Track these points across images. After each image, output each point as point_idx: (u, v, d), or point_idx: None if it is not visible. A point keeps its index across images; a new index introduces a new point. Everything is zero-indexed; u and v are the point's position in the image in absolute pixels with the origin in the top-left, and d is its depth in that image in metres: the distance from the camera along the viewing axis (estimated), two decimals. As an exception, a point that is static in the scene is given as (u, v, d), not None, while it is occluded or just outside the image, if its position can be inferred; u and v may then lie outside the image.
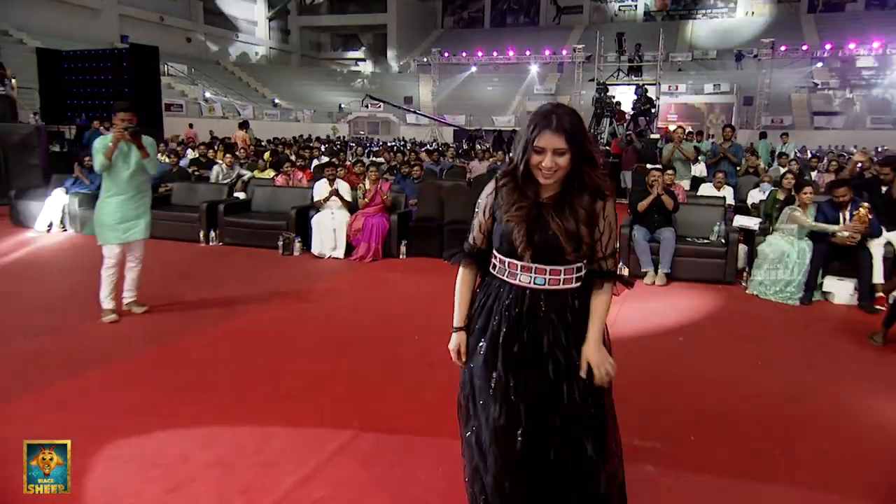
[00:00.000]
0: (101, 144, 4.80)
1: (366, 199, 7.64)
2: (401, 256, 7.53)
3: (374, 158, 14.36)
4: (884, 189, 6.56)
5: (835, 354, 4.66)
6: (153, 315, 5.15)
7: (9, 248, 7.75)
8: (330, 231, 7.48)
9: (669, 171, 7.30)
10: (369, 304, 5.84)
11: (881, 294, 5.63)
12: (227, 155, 9.97)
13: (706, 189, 8.43)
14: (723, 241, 6.44)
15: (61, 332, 4.73)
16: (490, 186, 2.02)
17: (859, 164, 8.45)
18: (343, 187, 7.77)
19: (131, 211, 4.92)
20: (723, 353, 4.60)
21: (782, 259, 5.82)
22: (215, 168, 9.58)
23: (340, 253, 7.46)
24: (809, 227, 5.90)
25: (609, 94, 17.02)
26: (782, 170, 10.07)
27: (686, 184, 9.10)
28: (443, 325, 4.12)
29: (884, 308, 5.12)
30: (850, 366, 4.42)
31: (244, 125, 16.01)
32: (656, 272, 6.42)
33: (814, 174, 10.66)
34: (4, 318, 5.03)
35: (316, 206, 7.66)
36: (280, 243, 7.61)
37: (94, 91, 19.44)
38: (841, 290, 5.85)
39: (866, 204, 5.78)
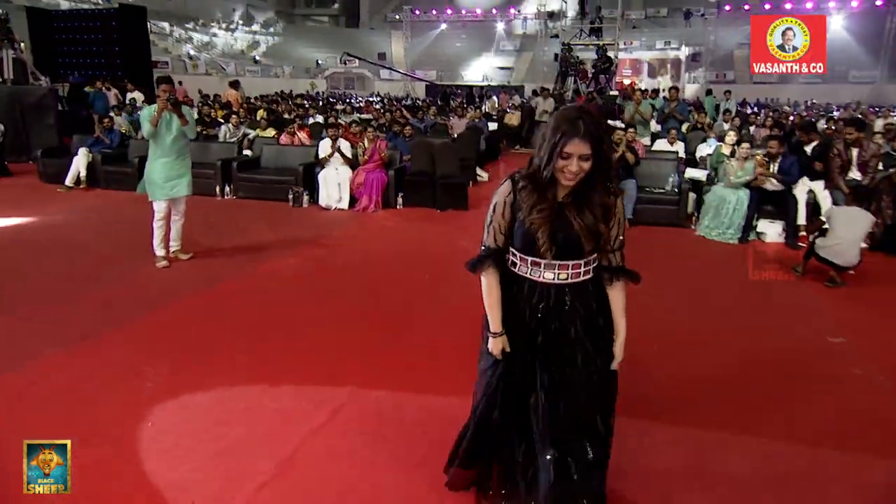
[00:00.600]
0: (147, 113, 5.15)
1: (365, 157, 8.05)
2: (398, 207, 8.00)
3: (361, 115, 14.55)
4: (855, 151, 6.70)
5: (766, 285, 5.36)
6: (196, 261, 5.59)
7: (50, 203, 8.01)
8: (335, 185, 7.90)
9: (631, 130, 7.86)
10: (378, 248, 6.35)
11: (803, 234, 6.35)
12: (234, 116, 10.15)
13: (661, 144, 9.00)
14: (676, 190, 7.07)
15: (123, 279, 5.15)
16: (507, 187, 1.95)
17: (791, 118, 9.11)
18: (344, 146, 8.14)
19: (175, 171, 5.28)
20: (674, 286, 5.24)
21: (724, 206, 6.48)
22: (223, 128, 9.82)
23: (345, 204, 7.91)
24: (735, 178, 6.50)
25: (573, 53, 17.29)
26: (726, 126, 10.71)
27: (646, 140, 9.65)
28: (443, 263, 4.77)
29: (804, 245, 5.82)
30: (777, 295, 5.12)
31: (235, 84, 15.94)
32: (621, 217, 7.03)
33: (752, 129, 11.29)
34: (72, 267, 5.43)
35: (321, 163, 8.04)
36: (290, 196, 8.01)
37: (84, 50, 19.03)
38: (772, 230, 6.56)
39: (759, 153, 6.43)
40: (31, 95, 10.60)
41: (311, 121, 11.52)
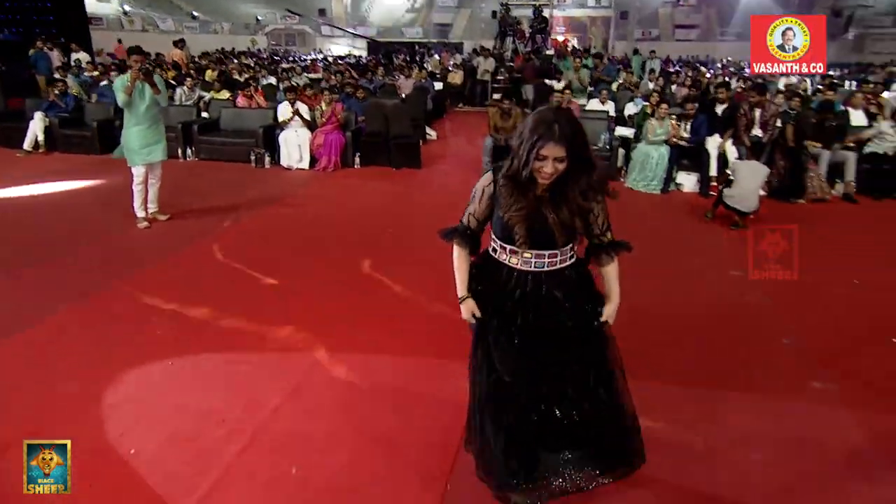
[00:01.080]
0: (120, 84, 5.20)
1: (323, 119, 8.21)
2: (356, 166, 8.25)
3: (308, 75, 14.40)
4: (758, 111, 7.13)
5: (683, 229, 6.01)
6: (174, 222, 5.77)
7: (14, 168, 7.85)
8: (296, 146, 8.06)
9: (567, 92, 8.31)
10: (342, 206, 6.64)
11: (714, 184, 7.03)
12: (188, 78, 9.99)
13: (594, 104, 9.50)
14: (608, 147, 7.61)
15: (107, 238, 5.31)
16: (487, 178, 2.02)
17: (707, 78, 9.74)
18: (303, 108, 8.27)
19: (151, 137, 5.39)
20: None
21: (648, 161, 7.07)
22: (178, 90, 9.65)
23: (306, 164, 8.10)
24: (654, 136, 7.11)
25: (511, 14, 17.44)
26: (651, 85, 11.33)
27: (583, 101, 10.11)
28: (405, 218, 5.07)
29: (714, 194, 6.48)
30: (691, 237, 5.78)
31: (180, 44, 15.38)
32: (558, 172, 7.54)
33: (673, 87, 11.95)
34: (53, 230, 5.52)
35: (281, 126, 8.16)
36: (253, 158, 8.14)
37: (15, 6, 17.82)
38: (688, 182, 7.22)
39: (675, 116, 7.06)
40: (-28, 58, 10.05)
41: (264, 82, 11.41)
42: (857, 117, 7.64)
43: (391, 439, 2.70)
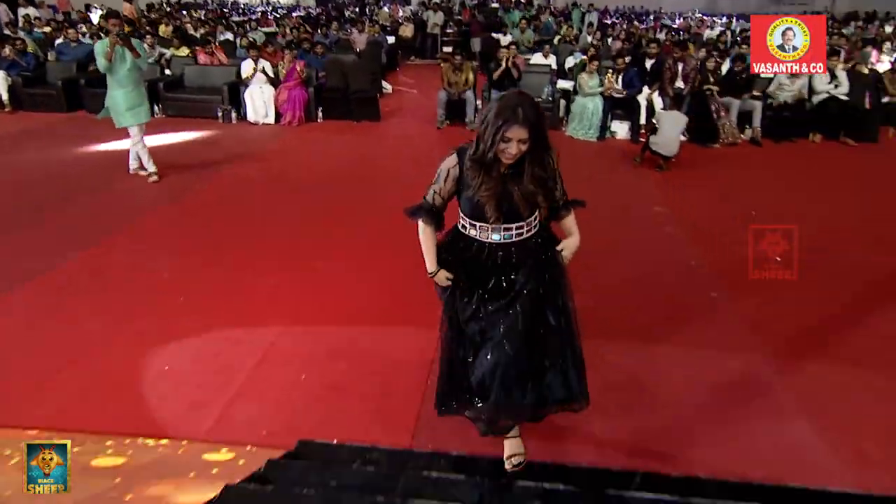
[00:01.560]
0: (100, 48, 5.26)
1: (284, 74, 8.30)
2: (319, 120, 8.44)
3: (262, 29, 14.08)
4: (681, 65, 7.76)
5: (615, 171, 6.59)
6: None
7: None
8: (261, 102, 8.18)
9: (513, 47, 8.64)
10: (309, 158, 6.92)
11: (643, 131, 7.61)
12: (148, 36, 9.76)
13: (537, 58, 9.85)
14: (550, 99, 8.05)
15: (100, 193, 5.49)
16: (452, 160, 2.04)
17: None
18: (266, 66, 8.33)
19: (135, 99, 5.48)
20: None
21: (585, 112, 7.57)
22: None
23: (272, 119, 8.24)
24: (588, 90, 7.59)
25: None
26: (589, 38, 11.72)
27: (528, 55, 10.40)
28: (369, 167, 5.35)
29: (643, 140, 7.06)
30: (622, 178, 6.37)
31: (135, -2, 14.67)
32: (506, 123, 7.96)
33: (609, 40, 12.35)
34: (48, 187, 5.63)
35: (245, 82, 8.23)
36: (220, 114, 8.21)
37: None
38: (621, 129, 7.78)
39: (610, 71, 7.56)
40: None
41: (221, 38, 11.20)
42: (767, 69, 8.29)
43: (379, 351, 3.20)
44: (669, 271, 4.20)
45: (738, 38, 12.07)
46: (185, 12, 17.16)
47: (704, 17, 22.75)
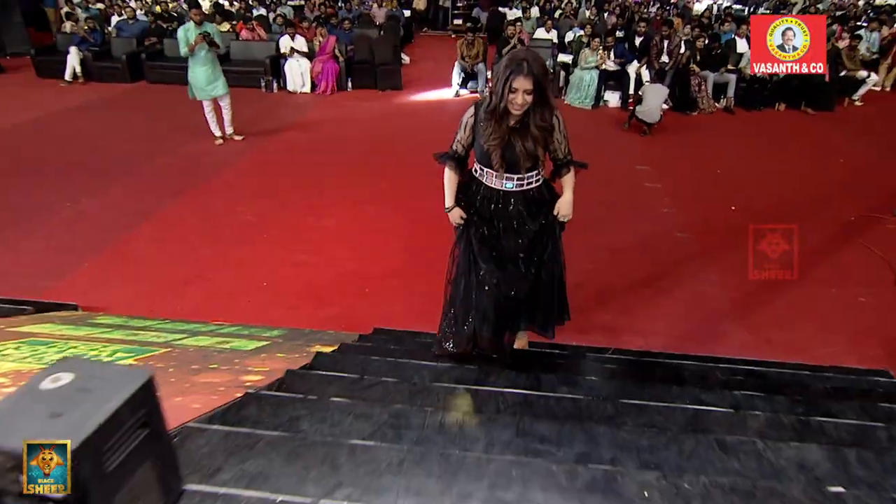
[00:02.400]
0: (182, 36, 5.77)
1: (319, 52, 8.84)
2: (349, 89, 9.03)
3: (290, 3, 14.37)
4: (666, 42, 8.28)
5: (606, 134, 7.22)
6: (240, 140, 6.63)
7: (68, 95, 8.41)
8: (298, 73, 8.75)
9: (519, 24, 9.12)
10: (345, 122, 7.55)
11: (631, 100, 8.19)
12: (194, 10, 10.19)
13: (540, 32, 10.27)
14: (551, 71, 8.59)
15: (184, 150, 6.20)
16: (470, 111, 2.21)
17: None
18: (300, 41, 8.86)
19: (212, 76, 6.01)
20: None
21: (582, 82, 8.15)
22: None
23: (308, 89, 8.83)
24: (586, 63, 8.14)
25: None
26: (587, 13, 12.07)
27: (531, 30, 10.81)
28: (399, 129, 5.96)
29: (631, 108, 7.65)
30: (612, 141, 7.01)
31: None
32: (513, 93, 8.54)
33: (605, 15, 12.67)
34: (132, 145, 6.34)
35: (283, 56, 8.78)
36: (263, 84, 8.81)
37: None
38: (613, 99, 8.36)
39: (602, 48, 8.06)
40: (-8, -6, 9.97)
41: (255, 13, 11.61)
42: (742, 45, 8.78)
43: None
44: (646, 217, 4.94)
45: (722, 15, 12.37)
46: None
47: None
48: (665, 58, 8.03)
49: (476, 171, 2.32)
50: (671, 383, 2.28)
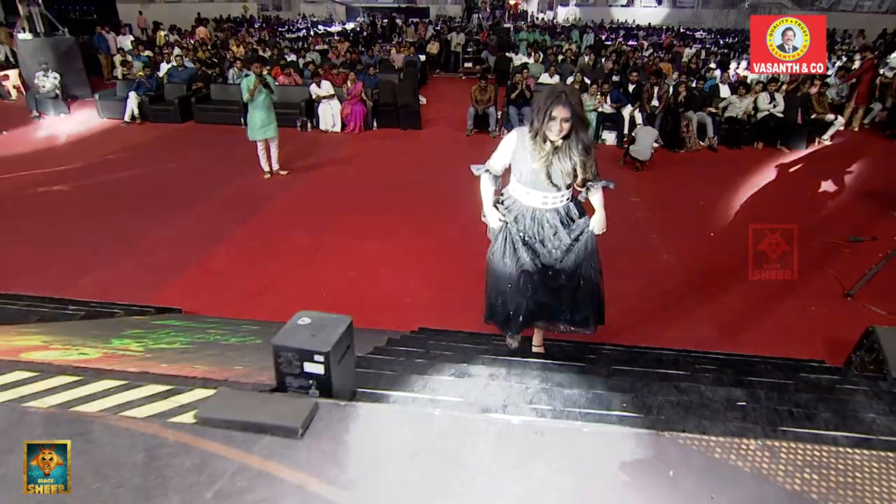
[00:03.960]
0: (245, 85, 6.64)
1: (348, 95, 9.77)
2: (374, 128, 9.93)
3: (316, 48, 15.48)
4: (656, 88, 9.29)
5: (606, 169, 8.00)
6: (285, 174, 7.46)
7: (131, 134, 9.36)
8: (330, 115, 9.67)
9: (526, 70, 10.04)
10: (373, 158, 8.40)
11: (626, 140, 9.02)
12: (237, 61, 11.23)
13: (545, 78, 11.22)
14: (554, 113, 9.46)
15: (237, 183, 7.03)
16: (513, 136, 2.45)
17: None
18: (325, 86, 9.78)
19: (266, 119, 6.85)
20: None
21: (582, 124, 9.00)
22: (230, 72, 10.96)
23: (338, 128, 9.74)
24: (585, 107, 9.01)
25: (475, -7, 18.60)
26: (586, 58, 13.04)
27: (538, 74, 11.77)
28: (417, 164, 6.78)
29: (625, 146, 8.48)
30: (608, 175, 7.80)
31: (204, 21, 16.11)
32: (520, 132, 9.41)
33: (603, 60, 13.65)
34: (193, 178, 7.18)
35: (317, 100, 9.71)
36: (299, 124, 9.72)
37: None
38: (610, 137, 9.22)
39: (599, 93, 8.95)
40: (61, 45, 10.97)
41: (288, 59, 12.64)
42: (724, 90, 9.66)
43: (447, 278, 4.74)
44: (637, 241, 5.70)
45: (708, 60, 13.35)
46: (243, 29, 18.58)
47: (687, 32, 23.82)
48: (655, 102, 8.90)
49: (514, 190, 2.57)
50: (652, 365, 3.00)
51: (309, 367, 1.59)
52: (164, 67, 11.46)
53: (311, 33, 19.91)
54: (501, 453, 1.36)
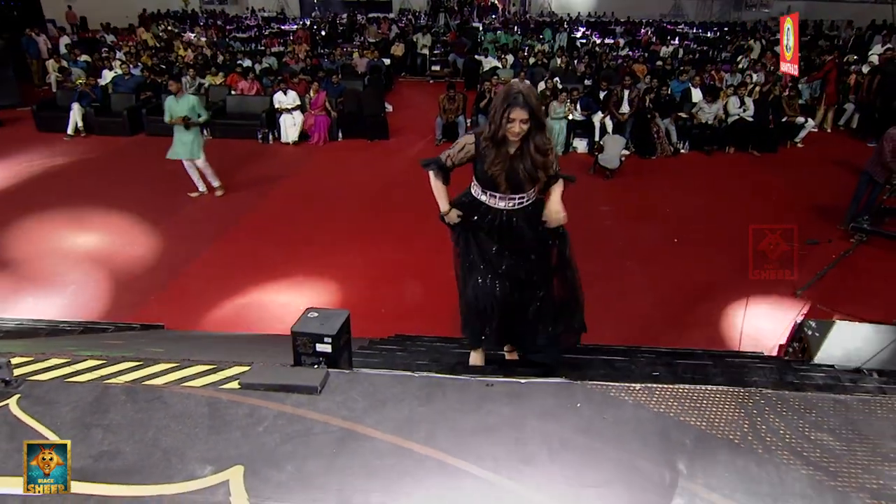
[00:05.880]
0: (167, 108, 7.30)
1: (310, 104, 10.60)
2: (339, 139, 10.77)
3: (272, 50, 16.26)
4: (626, 91, 10.42)
5: (576, 175, 9.00)
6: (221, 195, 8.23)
7: (75, 147, 9.99)
8: (293, 125, 10.47)
9: (496, 77, 11.07)
10: (340, 171, 9.22)
11: (596, 147, 10.06)
12: (191, 69, 11.95)
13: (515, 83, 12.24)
14: (525, 121, 10.46)
15: (201, 202, 7.76)
16: (471, 139, 2.59)
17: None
18: (292, 94, 10.60)
19: (185, 139, 7.42)
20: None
21: (553, 131, 10.01)
22: (184, 79, 11.61)
23: (300, 139, 10.53)
24: (554, 115, 10.04)
25: (442, -9, 19.72)
26: (558, 61, 14.18)
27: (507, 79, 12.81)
28: (385, 178, 7.71)
29: (597, 152, 9.49)
30: (579, 184, 8.79)
31: (146, 20, 16.73)
32: (491, 140, 10.35)
33: (575, 62, 14.81)
34: (152, 196, 7.88)
35: (279, 110, 10.51)
36: (260, 136, 10.49)
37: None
38: (581, 145, 10.26)
39: (569, 101, 10.00)
40: (-15, 52, 11.34)
41: (244, 64, 13.37)
42: (696, 94, 10.81)
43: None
44: (604, 248, 6.65)
45: (684, 60, 14.64)
46: (192, 32, 19.20)
47: (667, 27, 25.34)
48: (626, 107, 9.97)
49: (475, 192, 2.75)
50: (601, 354, 3.89)
51: (320, 347, 2.42)
52: (107, 75, 12.09)
53: (265, 32, 20.66)
54: (462, 396, 2.21)
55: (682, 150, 10.19)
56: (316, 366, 2.46)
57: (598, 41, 19.46)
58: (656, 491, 1.87)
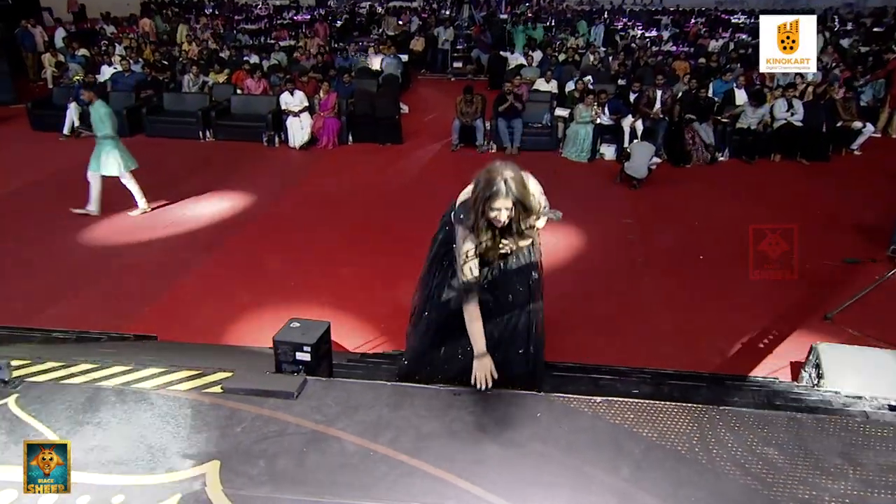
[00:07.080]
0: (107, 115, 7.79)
1: (318, 106, 11.17)
2: (349, 143, 11.30)
3: (281, 43, 16.99)
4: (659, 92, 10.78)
5: (599, 187, 9.38)
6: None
7: (71, 148, 10.67)
8: (300, 129, 11.05)
9: (519, 78, 11.51)
10: (350, 177, 9.74)
11: (623, 152, 10.38)
12: (194, 66, 12.67)
13: (540, 83, 12.66)
14: (549, 125, 10.88)
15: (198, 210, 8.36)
16: (465, 232, 2.71)
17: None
18: (299, 95, 11.19)
19: (100, 153, 7.76)
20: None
21: (578, 137, 10.40)
22: (186, 78, 12.36)
23: (308, 142, 11.11)
24: (580, 119, 10.43)
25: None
26: (591, 58, 14.56)
27: (533, 78, 13.18)
28: (395, 183, 8.17)
29: (623, 160, 9.81)
30: (604, 193, 9.16)
31: (148, 12, 17.61)
32: (512, 146, 10.79)
33: (610, 59, 15.10)
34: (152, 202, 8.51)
35: (286, 112, 11.10)
36: (265, 139, 11.09)
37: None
38: (609, 151, 10.61)
39: (596, 105, 10.35)
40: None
41: (251, 61, 14.05)
42: (741, 96, 11.06)
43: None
44: (621, 265, 6.99)
45: (732, 57, 14.86)
46: (197, 23, 20.05)
47: (722, 17, 25.46)
48: (658, 105, 10.29)
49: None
50: (595, 372, 4.27)
51: (299, 355, 2.88)
52: (106, 71, 12.86)
53: (275, 23, 21.47)
54: (430, 403, 2.63)
55: (722, 158, 10.45)
56: (295, 373, 2.91)
57: (640, 34, 19.76)
58: (598, 493, 2.26)
